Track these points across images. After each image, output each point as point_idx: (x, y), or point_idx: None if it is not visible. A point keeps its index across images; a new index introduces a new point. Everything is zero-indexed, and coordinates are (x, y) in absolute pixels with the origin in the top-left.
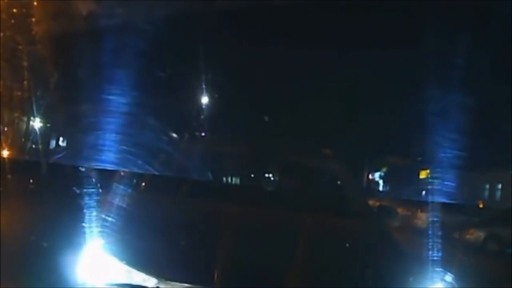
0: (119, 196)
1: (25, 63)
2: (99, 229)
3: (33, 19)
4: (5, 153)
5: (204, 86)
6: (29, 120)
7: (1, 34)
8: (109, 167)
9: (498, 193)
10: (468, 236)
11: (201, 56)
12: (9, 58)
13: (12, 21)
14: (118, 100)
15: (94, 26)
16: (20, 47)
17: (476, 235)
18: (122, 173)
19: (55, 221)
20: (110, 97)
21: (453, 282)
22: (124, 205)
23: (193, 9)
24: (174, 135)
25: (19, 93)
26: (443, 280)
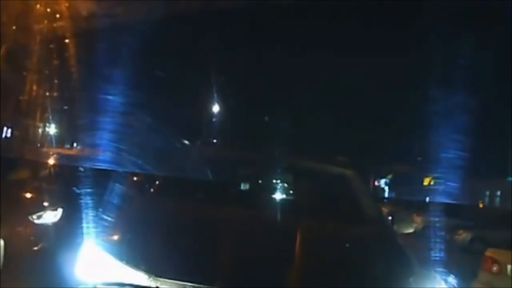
0: (120, 196)
1: (32, 64)
2: (99, 229)
3: (45, 20)
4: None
5: (215, 91)
6: (42, 122)
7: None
8: (110, 167)
9: (498, 200)
10: (456, 237)
11: (211, 59)
12: (15, 59)
13: (19, 21)
14: (124, 101)
15: (102, 28)
16: (27, 48)
17: (464, 236)
18: (123, 174)
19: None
20: (117, 98)
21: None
22: (125, 206)
23: (202, 9)
24: (183, 139)
25: (25, 97)
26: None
